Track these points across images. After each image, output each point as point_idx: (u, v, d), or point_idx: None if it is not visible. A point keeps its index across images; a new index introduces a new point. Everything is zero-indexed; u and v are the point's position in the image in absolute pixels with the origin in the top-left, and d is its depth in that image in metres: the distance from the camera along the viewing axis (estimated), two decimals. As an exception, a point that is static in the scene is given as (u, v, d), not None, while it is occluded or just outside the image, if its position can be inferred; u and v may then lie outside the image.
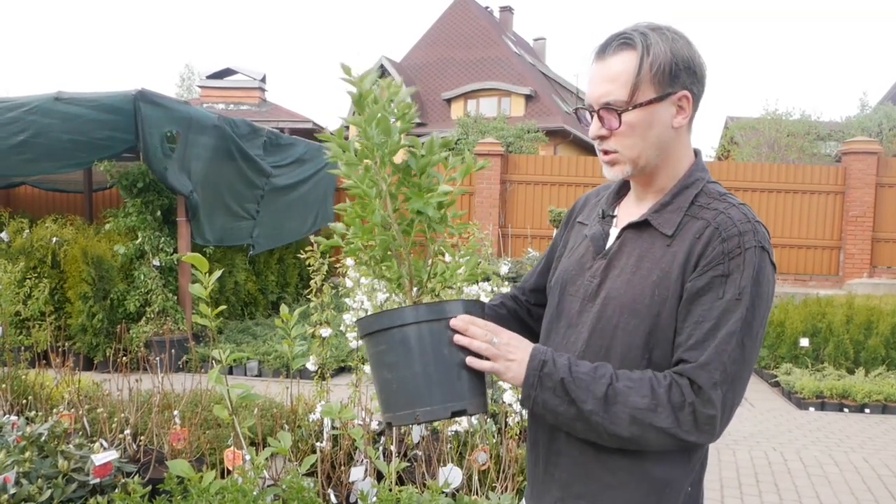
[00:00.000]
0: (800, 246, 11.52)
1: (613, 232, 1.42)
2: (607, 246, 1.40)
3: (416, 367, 1.23)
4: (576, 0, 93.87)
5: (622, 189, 1.49)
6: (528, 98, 26.76)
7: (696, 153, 1.40)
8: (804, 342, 7.17)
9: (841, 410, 6.29)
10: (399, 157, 1.29)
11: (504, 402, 3.43)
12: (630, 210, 1.42)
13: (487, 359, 1.25)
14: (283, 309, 2.21)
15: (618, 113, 1.28)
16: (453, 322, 1.23)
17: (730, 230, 1.25)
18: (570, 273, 1.43)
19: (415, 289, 1.32)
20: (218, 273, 2.03)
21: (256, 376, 6.88)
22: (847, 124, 18.63)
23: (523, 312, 1.62)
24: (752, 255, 1.24)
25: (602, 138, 1.33)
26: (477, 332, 1.24)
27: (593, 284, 1.37)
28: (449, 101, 27.73)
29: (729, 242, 1.24)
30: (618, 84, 1.28)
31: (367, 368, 3.15)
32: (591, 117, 1.33)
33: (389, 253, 1.32)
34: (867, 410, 6.25)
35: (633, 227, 1.36)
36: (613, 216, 1.45)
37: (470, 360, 1.23)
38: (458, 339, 1.23)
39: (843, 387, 6.38)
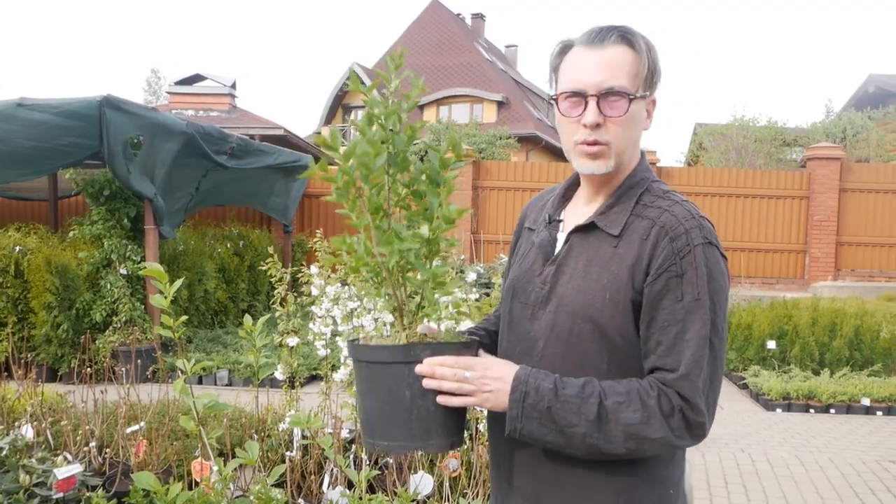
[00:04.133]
0: (766, 250, 11.73)
1: (561, 237, 1.40)
2: (556, 251, 1.39)
3: (376, 404, 1.25)
4: (547, 8, 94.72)
5: (567, 192, 1.48)
6: (500, 104, 26.91)
7: (641, 154, 1.41)
8: (771, 344, 7.29)
9: (807, 411, 6.40)
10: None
11: (474, 408, 3.44)
12: (577, 213, 1.41)
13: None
14: (247, 319, 2.19)
15: (628, 98, 1.27)
16: (419, 369, 1.21)
17: (676, 229, 1.26)
18: (520, 281, 1.42)
19: (405, 318, 1.31)
20: (178, 283, 2.00)
21: (226, 385, 6.80)
22: (812, 130, 19.00)
23: None
24: (701, 252, 1.24)
25: (597, 127, 1.29)
26: (445, 373, 1.20)
27: (544, 291, 1.35)
28: (421, 107, 27.77)
29: (677, 241, 1.25)
30: (621, 73, 1.28)
31: (336, 377, 3.14)
32: (585, 105, 1.28)
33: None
34: (832, 411, 6.37)
35: (579, 230, 1.35)
36: (560, 220, 1.43)
37: (441, 399, 1.21)
38: (427, 383, 1.20)
39: (809, 388, 6.49)
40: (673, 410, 1.21)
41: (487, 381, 1.23)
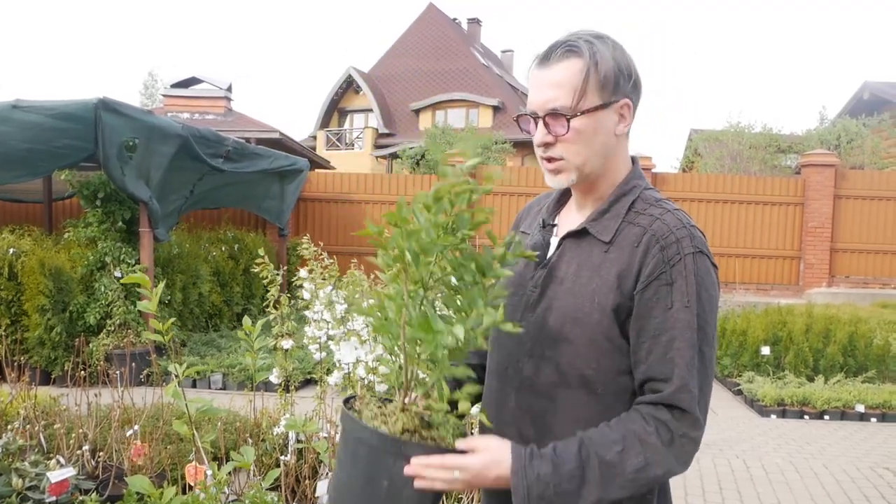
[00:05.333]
0: (761, 256, 11.75)
1: (554, 241, 1.42)
2: (548, 255, 1.40)
3: (351, 480, 1.23)
4: (543, 13, 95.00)
5: (562, 198, 1.49)
6: (496, 109, 26.94)
7: (634, 161, 1.41)
8: (766, 350, 7.30)
9: (801, 417, 6.40)
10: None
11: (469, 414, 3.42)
12: (570, 219, 1.42)
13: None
14: (246, 321, 2.19)
15: (566, 119, 1.28)
16: (408, 471, 1.18)
17: (667, 238, 1.26)
18: (511, 283, 1.42)
19: (407, 397, 1.27)
20: (161, 286, 1.99)
21: (221, 389, 6.77)
22: (807, 137, 19.05)
23: None
24: (691, 261, 1.25)
25: (547, 145, 1.32)
26: (435, 476, 1.18)
27: (534, 294, 1.36)
28: (417, 111, 27.80)
29: (668, 250, 1.25)
30: (564, 90, 1.28)
31: (331, 380, 3.13)
32: (536, 124, 1.32)
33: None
34: (826, 417, 6.37)
35: (572, 235, 1.37)
36: (554, 225, 1.45)
37: (440, 489, 1.20)
38: (418, 484, 1.18)
39: (804, 394, 6.50)
40: (673, 438, 1.22)
41: (481, 480, 1.21)
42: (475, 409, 1.49)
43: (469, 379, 1.31)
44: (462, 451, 1.22)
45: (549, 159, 1.33)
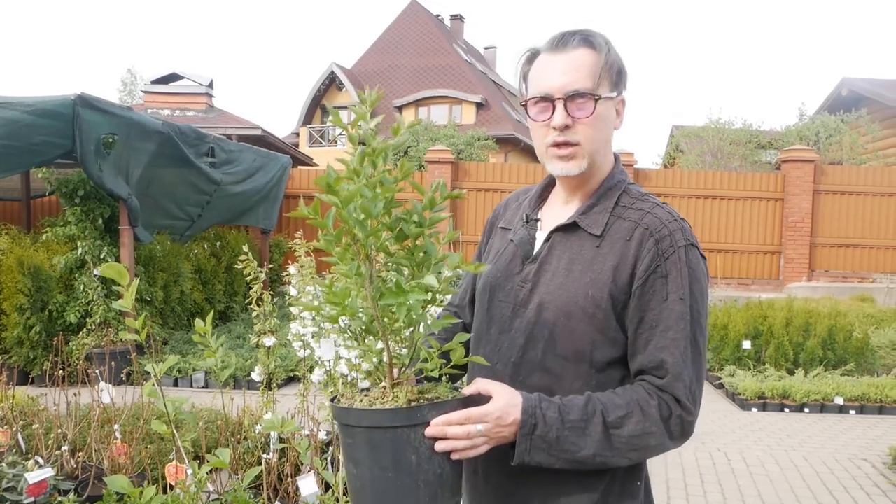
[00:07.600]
0: (742, 251, 11.85)
1: (540, 236, 1.42)
2: (535, 250, 1.40)
3: (377, 472, 1.16)
4: (525, 10, 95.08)
5: (544, 192, 1.49)
6: (479, 106, 26.94)
7: (616, 157, 1.43)
8: (746, 344, 7.36)
9: (782, 410, 6.47)
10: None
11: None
12: (555, 213, 1.42)
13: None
14: (199, 322, 2.16)
15: (594, 99, 1.29)
16: (429, 432, 1.14)
17: (660, 231, 1.29)
18: (498, 279, 1.42)
19: (395, 371, 1.22)
20: (136, 282, 1.97)
21: (203, 388, 6.73)
22: (786, 133, 19.18)
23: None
24: (684, 254, 1.28)
25: (566, 128, 1.30)
26: (458, 432, 1.15)
27: (525, 290, 1.36)
28: (400, 108, 27.72)
29: (662, 243, 1.28)
30: (584, 74, 1.29)
31: (314, 378, 3.11)
32: (553, 108, 1.31)
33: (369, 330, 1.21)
34: (806, 410, 6.45)
35: (561, 229, 1.37)
36: (538, 220, 1.45)
37: (455, 455, 1.16)
38: (440, 446, 1.15)
39: (784, 387, 6.57)
40: (671, 416, 1.24)
41: (500, 427, 1.20)
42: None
43: (454, 327, 1.31)
44: (477, 403, 1.19)
45: (564, 144, 1.32)
